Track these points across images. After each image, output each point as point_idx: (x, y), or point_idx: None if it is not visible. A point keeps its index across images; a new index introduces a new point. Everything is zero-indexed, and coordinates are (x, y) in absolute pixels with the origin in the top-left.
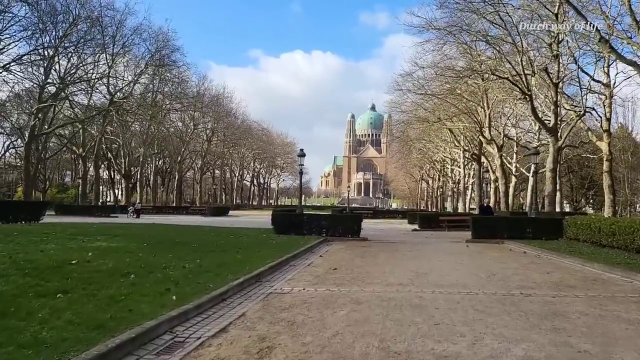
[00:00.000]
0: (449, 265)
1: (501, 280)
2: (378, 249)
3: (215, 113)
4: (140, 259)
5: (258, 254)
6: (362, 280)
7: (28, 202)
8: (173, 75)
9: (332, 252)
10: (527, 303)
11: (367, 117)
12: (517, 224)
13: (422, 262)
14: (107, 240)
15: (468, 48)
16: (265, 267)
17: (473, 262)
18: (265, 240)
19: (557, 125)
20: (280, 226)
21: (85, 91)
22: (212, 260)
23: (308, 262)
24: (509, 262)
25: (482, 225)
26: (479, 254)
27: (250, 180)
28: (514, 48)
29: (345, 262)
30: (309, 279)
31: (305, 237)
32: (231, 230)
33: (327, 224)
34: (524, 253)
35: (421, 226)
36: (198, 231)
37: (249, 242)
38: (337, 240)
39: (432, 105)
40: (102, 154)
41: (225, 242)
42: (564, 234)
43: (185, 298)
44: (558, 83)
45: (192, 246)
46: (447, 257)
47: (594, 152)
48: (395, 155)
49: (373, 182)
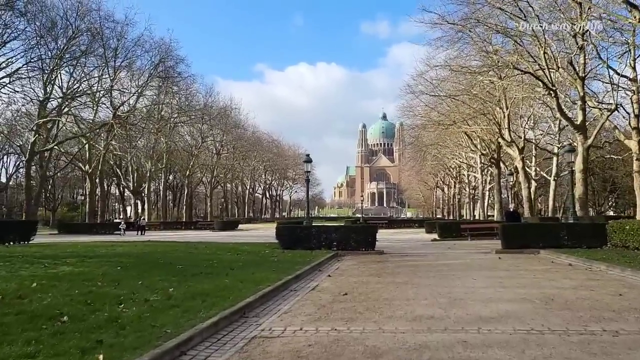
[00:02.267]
0: (488, 286)
1: (565, 307)
2: (396, 264)
3: (224, 125)
4: (95, 291)
5: (252, 276)
6: (380, 311)
7: (17, 221)
8: (179, 88)
9: (342, 269)
10: (624, 349)
11: (378, 127)
12: (552, 230)
13: (452, 281)
14: (76, 264)
15: (484, 44)
16: (256, 295)
17: (515, 280)
18: (266, 257)
19: (585, 122)
20: (286, 240)
21: (90, 106)
22: (190, 288)
23: (313, 285)
24: (559, 278)
25: (513, 234)
26: (517, 268)
27: (262, 193)
28: (536, 41)
29: (358, 284)
30: (310, 311)
31: (313, 253)
32: (232, 246)
33: (337, 237)
34: (569, 265)
35: (441, 236)
36: (194, 248)
37: (246, 261)
38: (350, 255)
39: (446, 108)
40: (112, 170)
41: (218, 262)
42: (608, 240)
43: (118, 359)
44: (584, 77)
45: (176, 268)
46: (480, 273)
47: (618, 152)
48: (409, 162)
49: (387, 191)
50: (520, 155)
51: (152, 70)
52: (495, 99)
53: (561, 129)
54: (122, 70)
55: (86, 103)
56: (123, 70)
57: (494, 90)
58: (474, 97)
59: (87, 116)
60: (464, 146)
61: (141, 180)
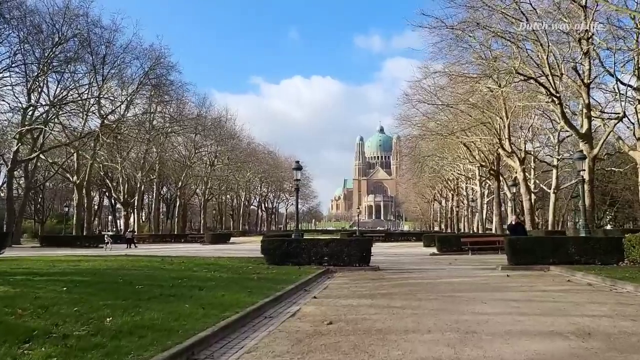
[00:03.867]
0: (503, 312)
1: (611, 347)
2: (393, 282)
3: (218, 136)
4: (7, 321)
5: (221, 299)
6: (371, 351)
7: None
8: (171, 97)
9: (332, 289)
10: None
11: (375, 140)
12: (562, 245)
13: (458, 305)
14: (16, 283)
15: (482, 49)
16: (216, 327)
17: (534, 304)
18: (247, 274)
19: (590, 131)
20: (273, 255)
21: (77, 114)
22: (135, 318)
23: (294, 310)
24: (584, 302)
25: (520, 249)
26: (530, 288)
27: (257, 205)
28: (538, 46)
29: (347, 309)
30: (281, 349)
31: (301, 269)
32: (213, 261)
33: (329, 251)
34: (589, 285)
35: (440, 250)
36: (169, 264)
37: (221, 279)
38: (342, 271)
39: (445, 118)
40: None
41: (188, 280)
42: (625, 256)
43: None
44: (589, 84)
45: (134, 289)
46: (490, 295)
47: (619, 164)
48: (406, 174)
49: (384, 204)
50: (521, 167)
51: (142, 78)
52: (495, 109)
53: (560, 141)
54: (112, 78)
55: (72, 111)
56: (112, 78)
57: (494, 100)
58: (472, 107)
59: (77, 125)
60: (462, 158)
61: (132, 192)
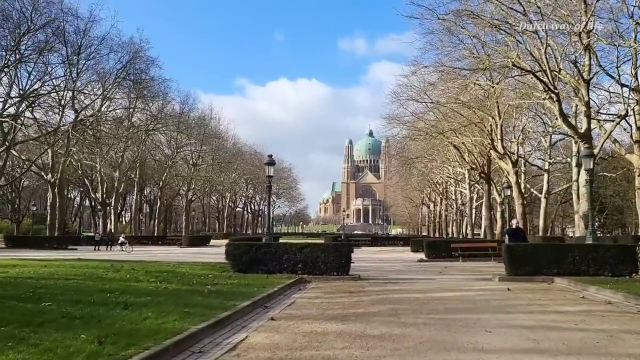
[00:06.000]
0: (516, 349)
1: None
2: (373, 297)
3: (201, 135)
4: None
5: (142, 323)
6: None
7: None
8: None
9: (298, 306)
10: None
11: (365, 143)
12: (567, 253)
13: (455, 334)
14: None
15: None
16: None
17: (555, 335)
18: (200, 285)
19: (590, 130)
20: (238, 262)
21: (54, 109)
22: None
23: (236, 340)
24: (617, 331)
25: (520, 257)
26: (541, 308)
27: (242, 207)
28: (536, 39)
29: (308, 340)
30: None
31: (269, 278)
32: (171, 267)
33: (302, 258)
34: (609, 304)
35: (429, 256)
36: (113, 271)
37: (161, 293)
38: (317, 281)
39: (434, 117)
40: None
41: (120, 294)
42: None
43: None
44: (589, 80)
45: (38, 307)
46: (494, 318)
47: (610, 169)
48: (394, 176)
49: (372, 208)
50: (514, 169)
51: (120, 72)
52: (487, 108)
53: (552, 145)
54: (87, 70)
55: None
56: (88, 71)
57: (486, 99)
58: (463, 106)
59: (54, 121)
60: (452, 160)
61: (110, 191)
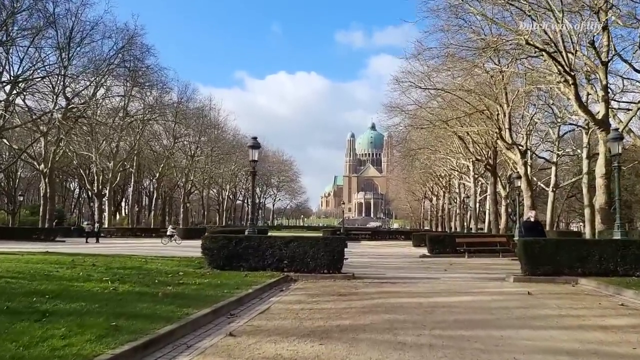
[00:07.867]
0: None
1: None
2: (367, 302)
3: (200, 125)
4: None
5: (39, 347)
6: None
7: None
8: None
9: (271, 315)
10: None
11: (367, 137)
12: (591, 250)
13: None
14: None
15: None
16: None
17: None
18: (161, 285)
19: (607, 116)
20: (216, 257)
21: (48, 97)
22: None
23: None
24: None
25: (539, 254)
26: (580, 321)
27: (242, 200)
28: (551, 16)
29: None
30: None
31: (248, 276)
32: (139, 263)
33: (289, 253)
34: None
35: (432, 251)
36: (70, 267)
37: (103, 297)
38: (304, 280)
39: (438, 105)
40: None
41: (51, 297)
42: None
43: None
44: (608, 62)
45: None
46: (521, 336)
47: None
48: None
49: (374, 202)
50: (523, 160)
51: (113, 58)
52: (494, 95)
53: (561, 136)
54: (78, 56)
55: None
56: (80, 57)
57: (493, 85)
58: (469, 93)
59: (48, 109)
60: (456, 152)
61: (105, 182)
